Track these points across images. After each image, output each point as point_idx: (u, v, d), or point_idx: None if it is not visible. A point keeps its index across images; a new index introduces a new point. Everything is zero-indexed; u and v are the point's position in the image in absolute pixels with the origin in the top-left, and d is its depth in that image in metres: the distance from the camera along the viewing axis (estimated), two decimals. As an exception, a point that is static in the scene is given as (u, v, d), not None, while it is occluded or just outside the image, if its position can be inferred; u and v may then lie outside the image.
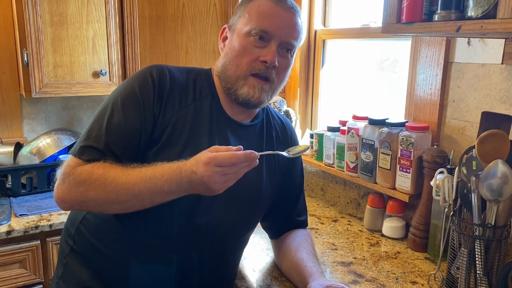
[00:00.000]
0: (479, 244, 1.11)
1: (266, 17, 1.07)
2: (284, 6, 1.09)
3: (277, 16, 1.07)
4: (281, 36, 1.07)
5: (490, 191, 1.07)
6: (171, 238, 1.08)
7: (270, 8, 1.08)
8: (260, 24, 1.06)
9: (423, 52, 1.53)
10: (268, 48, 1.06)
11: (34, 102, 2.15)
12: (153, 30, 1.97)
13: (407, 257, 1.43)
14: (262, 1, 1.09)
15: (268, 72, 1.08)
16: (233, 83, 1.09)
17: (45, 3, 1.77)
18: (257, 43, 1.06)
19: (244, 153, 0.91)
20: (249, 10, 1.09)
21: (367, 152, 1.63)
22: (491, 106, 1.35)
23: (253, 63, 1.07)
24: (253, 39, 1.06)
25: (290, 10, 1.09)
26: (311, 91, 2.24)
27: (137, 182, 0.95)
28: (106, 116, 1.04)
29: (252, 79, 1.08)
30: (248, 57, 1.07)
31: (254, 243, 1.49)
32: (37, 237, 1.65)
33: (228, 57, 1.10)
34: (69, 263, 1.15)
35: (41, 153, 1.94)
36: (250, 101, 1.09)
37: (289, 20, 1.09)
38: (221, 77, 1.13)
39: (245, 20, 1.09)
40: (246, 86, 1.08)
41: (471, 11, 0.93)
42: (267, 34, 1.06)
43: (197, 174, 0.91)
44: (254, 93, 1.08)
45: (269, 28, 1.06)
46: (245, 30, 1.08)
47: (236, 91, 1.09)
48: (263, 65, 1.06)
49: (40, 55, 1.79)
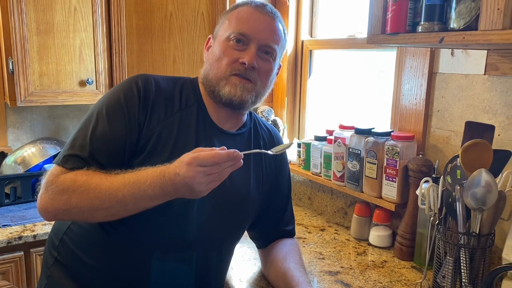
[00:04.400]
0: (464, 252, 1.12)
1: (245, 21, 1.10)
2: (262, 11, 1.12)
3: (255, 19, 1.10)
4: (259, 38, 1.09)
5: (474, 199, 1.08)
6: (156, 250, 1.07)
7: (248, 13, 1.11)
8: (239, 28, 1.09)
9: (408, 62, 1.55)
10: (247, 51, 1.08)
11: (19, 111, 2.12)
12: (141, 39, 1.97)
13: (393, 266, 1.44)
14: (242, 8, 1.13)
15: (248, 73, 1.09)
16: (215, 85, 1.10)
17: (31, 12, 1.76)
18: (237, 46, 1.09)
19: (227, 152, 0.89)
20: (229, 17, 1.13)
21: (353, 161, 1.64)
22: (475, 116, 1.37)
23: (232, 64, 1.08)
24: (233, 43, 1.09)
25: (269, 15, 1.12)
26: (298, 100, 2.26)
27: (120, 187, 0.93)
28: (91, 125, 1.03)
29: (233, 78, 1.09)
30: (227, 59, 1.09)
31: (241, 253, 1.49)
32: (21, 248, 1.62)
33: (210, 62, 1.13)
34: (53, 274, 1.13)
35: (25, 162, 1.92)
36: (232, 100, 1.09)
37: (268, 24, 1.11)
38: (204, 82, 1.14)
39: (226, 26, 1.12)
40: (227, 85, 1.09)
41: (454, 23, 0.95)
42: (246, 37, 1.08)
43: (180, 176, 0.89)
44: (236, 91, 1.09)
45: (247, 31, 1.08)
46: (225, 35, 1.11)
47: (219, 92, 1.10)
48: (242, 66, 1.08)
49: (25, 63, 1.77)
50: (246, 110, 1.18)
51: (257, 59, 1.09)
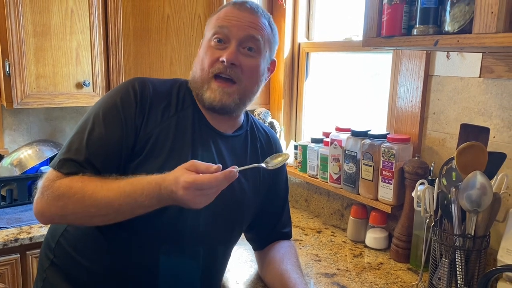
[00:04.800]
0: (460, 254, 1.13)
1: (224, 19, 1.10)
2: (242, 7, 1.11)
3: (234, 16, 1.10)
4: (239, 34, 1.08)
5: (469, 202, 1.09)
6: (154, 253, 1.07)
7: (228, 11, 1.11)
8: (218, 26, 1.09)
9: (404, 65, 1.56)
10: (228, 48, 1.08)
11: (16, 113, 2.12)
12: (138, 41, 1.97)
13: (389, 268, 1.44)
14: (224, 8, 1.13)
15: (229, 72, 1.07)
16: (200, 88, 1.11)
17: (28, 14, 1.76)
18: (218, 45, 1.09)
19: (223, 174, 0.90)
20: (212, 19, 1.14)
21: (350, 164, 1.65)
22: (470, 118, 1.38)
23: (214, 64, 1.08)
24: (214, 43, 1.09)
25: (248, 10, 1.11)
26: (295, 103, 2.26)
27: (116, 197, 0.94)
28: (87, 129, 1.03)
29: (213, 83, 1.09)
30: (209, 59, 1.09)
31: (238, 255, 1.49)
32: (17, 251, 1.62)
33: (195, 64, 1.14)
34: (48, 276, 1.13)
35: (22, 164, 1.91)
36: (213, 105, 1.09)
37: (248, 18, 1.10)
38: (192, 85, 1.15)
39: (209, 28, 1.13)
40: (208, 90, 1.09)
41: (448, 26, 0.96)
42: (225, 35, 1.08)
43: (177, 195, 0.91)
44: (215, 96, 1.08)
45: (226, 28, 1.08)
46: (207, 37, 1.12)
47: (202, 96, 1.11)
48: (222, 64, 1.07)
49: (22, 65, 1.77)
50: (235, 112, 1.16)
51: (238, 55, 1.08)
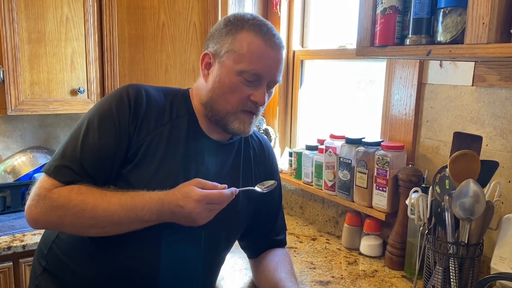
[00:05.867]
0: (453, 262, 1.13)
1: (258, 60, 1.06)
2: (273, 45, 1.08)
3: (267, 57, 1.07)
4: (270, 76, 1.08)
5: (462, 209, 1.09)
6: (145, 262, 1.07)
7: (260, 49, 1.06)
8: (252, 68, 1.05)
9: (397, 73, 1.57)
10: (259, 89, 1.07)
11: (10, 120, 2.11)
12: (133, 49, 1.97)
13: (384, 276, 1.45)
14: (252, 37, 1.06)
15: (257, 109, 1.10)
16: (223, 117, 1.10)
17: (23, 21, 1.76)
18: (248, 83, 1.07)
19: (230, 191, 1.02)
20: (239, 46, 1.06)
21: (344, 171, 1.65)
22: (463, 126, 1.39)
23: (243, 101, 1.08)
24: (244, 79, 1.06)
25: (278, 49, 1.09)
26: (290, 110, 2.27)
27: (117, 211, 0.98)
28: (81, 135, 1.04)
29: (243, 115, 1.09)
30: (238, 96, 1.07)
31: (232, 263, 1.48)
32: (9, 258, 1.61)
33: (217, 92, 1.09)
34: (41, 284, 1.12)
35: (15, 171, 1.90)
36: (241, 134, 1.13)
37: (278, 60, 1.09)
38: (207, 108, 1.12)
39: (235, 57, 1.06)
40: (237, 121, 1.09)
41: (440, 36, 0.97)
42: (259, 76, 1.07)
43: (184, 209, 0.96)
44: (244, 128, 1.10)
45: (261, 72, 1.06)
46: (236, 69, 1.05)
47: (226, 125, 1.10)
48: (253, 104, 1.08)
49: (16, 72, 1.77)
50: None
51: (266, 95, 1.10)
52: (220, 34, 1.10)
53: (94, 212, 0.97)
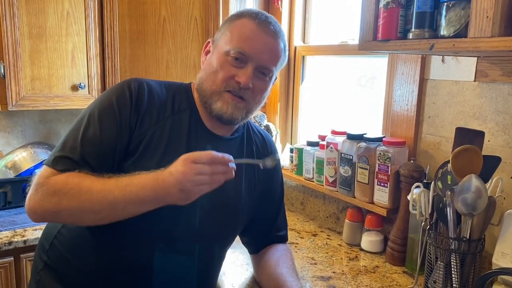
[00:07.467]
0: (455, 257, 1.13)
1: (247, 40, 1.06)
2: (266, 30, 1.08)
3: (257, 39, 1.07)
4: (258, 60, 1.07)
5: (464, 205, 1.09)
6: (147, 256, 1.07)
7: (251, 31, 1.07)
8: (239, 46, 1.06)
9: (399, 69, 1.57)
10: (244, 70, 1.06)
11: (10, 115, 2.11)
12: (134, 44, 1.97)
13: (385, 271, 1.44)
14: (246, 21, 1.08)
15: (242, 92, 1.08)
16: (208, 97, 1.10)
17: (23, 16, 1.75)
18: (234, 63, 1.07)
19: (221, 155, 0.95)
20: (232, 29, 1.09)
21: (345, 167, 1.65)
22: (465, 122, 1.38)
23: (228, 80, 1.07)
24: (231, 58, 1.07)
25: (272, 35, 1.09)
26: (291, 106, 2.27)
27: (112, 190, 0.95)
28: (82, 127, 1.03)
29: (226, 95, 1.08)
30: (223, 74, 1.07)
31: (233, 259, 1.48)
32: (11, 254, 1.60)
33: (206, 72, 1.11)
34: (42, 279, 1.12)
35: (16, 167, 1.90)
36: (222, 116, 1.09)
37: (270, 45, 1.09)
38: (198, 90, 1.13)
39: (227, 38, 1.09)
40: (220, 101, 1.08)
41: (444, 30, 0.96)
42: (245, 56, 1.06)
43: (172, 175, 0.92)
44: (227, 108, 1.08)
45: (247, 51, 1.06)
46: (224, 48, 1.08)
47: (211, 105, 1.10)
48: (237, 84, 1.07)
49: (17, 67, 1.77)
50: (236, 124, 1.18)
51: (253, 78, 1.07)
52: (223, 24, 1.14)
53: (90, 194, 0.95)
